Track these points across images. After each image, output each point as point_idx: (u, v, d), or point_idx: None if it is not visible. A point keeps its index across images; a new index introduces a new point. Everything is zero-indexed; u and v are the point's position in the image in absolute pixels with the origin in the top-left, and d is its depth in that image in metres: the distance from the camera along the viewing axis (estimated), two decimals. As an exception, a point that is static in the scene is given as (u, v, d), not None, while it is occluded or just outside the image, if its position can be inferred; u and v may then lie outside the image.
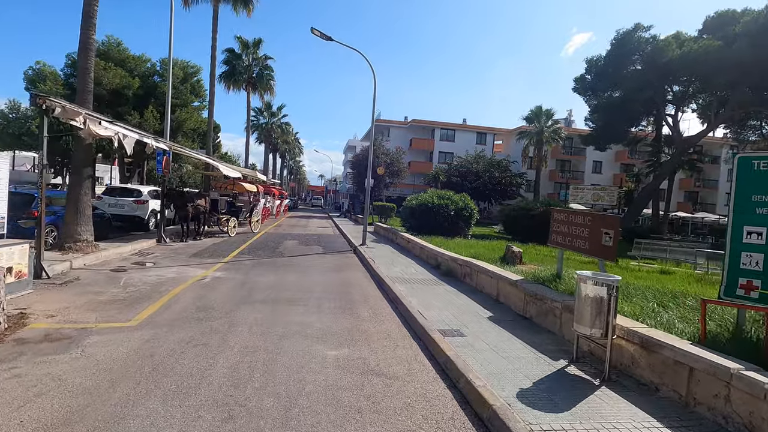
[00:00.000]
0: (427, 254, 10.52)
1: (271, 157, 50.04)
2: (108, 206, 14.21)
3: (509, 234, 19.19)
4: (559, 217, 6.19)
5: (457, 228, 15.34)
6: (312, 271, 9.14)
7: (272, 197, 27.48)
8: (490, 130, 50.76)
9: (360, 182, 33.38)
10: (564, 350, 4.33)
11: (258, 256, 10.82)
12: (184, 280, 7.39)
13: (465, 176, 39.37)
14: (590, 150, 49.15)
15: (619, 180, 47.52)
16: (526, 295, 5.52)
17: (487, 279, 6.85)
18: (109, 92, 35.39)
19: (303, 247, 13.34)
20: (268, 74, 30.22)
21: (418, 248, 11.34)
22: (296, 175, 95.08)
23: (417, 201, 15.22)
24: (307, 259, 10.75)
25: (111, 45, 38.66)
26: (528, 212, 17.28)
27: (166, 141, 12.21)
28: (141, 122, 35.17)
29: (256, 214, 17.16)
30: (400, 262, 10.26)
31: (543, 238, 16.57)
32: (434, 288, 7.30)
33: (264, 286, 7.28)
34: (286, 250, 12.26)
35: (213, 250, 11.40)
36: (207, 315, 5.34)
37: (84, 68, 8.94)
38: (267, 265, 9.51)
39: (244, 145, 31.17)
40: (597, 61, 30.51)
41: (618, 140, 33.32)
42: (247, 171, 19.28)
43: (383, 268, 9.06)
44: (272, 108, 40.27)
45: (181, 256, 10.26)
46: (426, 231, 14.77)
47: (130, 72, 36.74)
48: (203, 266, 8.93)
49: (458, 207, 15.07)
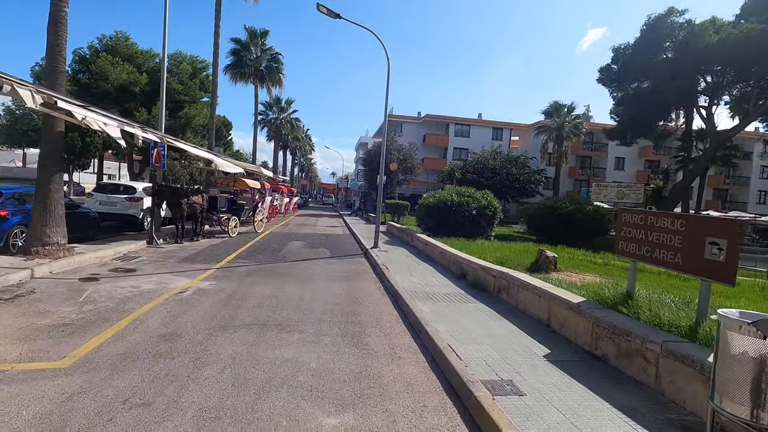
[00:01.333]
0: (448, 260, 9.12)
1: (281, 154, 49.03)
2: (99, 204, 13.12)
3: (533, 234, 17.67)
4: (631, 219, 4.72)
5: (479, 228, 13.88)
6: (316, 280, 7.81)
7: (280, 195, 26.33)
8: (506, 125, 48.90)
9: (372, 179, 32.04)
10: (676, 422, 2.91)
11: (256, 261, 9.54)
12: (160, 293, 6.13)
13: (481, 173, 37.70)
14: (612, 146, 46.96)
15: (643, 177, 45.28)
16: (596, 326, 4.09)
17: (532, 297, 5.42)
18: (117, 88, 34.67)
19: (308, 250, 12.05)
20: (276, 66, 29.04)
21: (438, 252, 9.95)
22: (307, 172, 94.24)
23: (434, 199, 13.79)
24: (311, 265, 9.43)
25: (119, 40, 37.98)
26: (554, 211, 15.73)
27: (158, 132, 11.01)
28: (149, 119, 34.39)
29: (260, 212, 15.94)
30: (418, 270, 8.88)
31: (571, 240, 15.02)
32: (463, 307, 5.90)
33: (255, 301, 5.97)
34: (289, 254, 10.97)
35: (207, 254, 10.18)
36: (170, 348, 4.04)
37: (54, 45, 7.74)
38: (264, 273, 8.22)
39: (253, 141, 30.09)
40: (624, 49, 28.56)
41: (646, 134, 31.29)
42: (250, 166, 18.07)
43: (398, 278, 7.69)
44: (281, 103, 39.12)
45: (170, 260, 9.04)
46: (444, 232, 13.35)
47: (138, 68, 35.95)
48: (190, 274, 7.69)
49: (480, 205, 13.61)
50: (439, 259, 9.84)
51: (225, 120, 54.50)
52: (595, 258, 12.04)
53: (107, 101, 34.97)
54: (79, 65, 37.16)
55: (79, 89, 35.10)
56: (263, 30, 28.25)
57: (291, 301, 6.14)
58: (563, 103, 40.29)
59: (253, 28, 27.72)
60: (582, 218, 15.37)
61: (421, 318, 4.95)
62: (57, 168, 7.90)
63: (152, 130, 10.56)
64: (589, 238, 15.89)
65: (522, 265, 9.54)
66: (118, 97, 33.78)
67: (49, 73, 7.74)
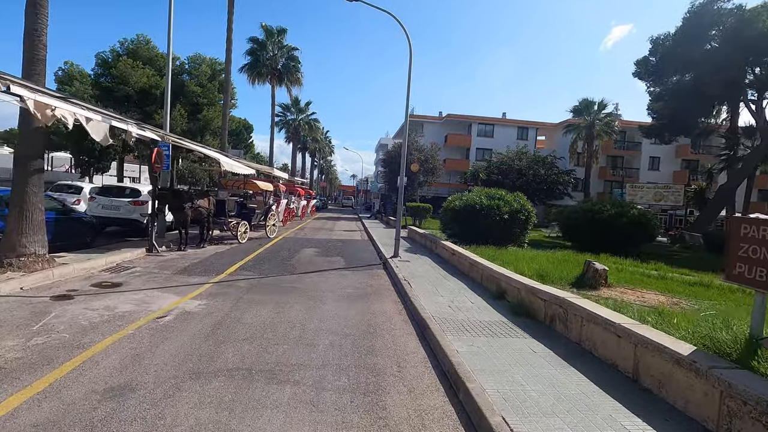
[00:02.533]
0: (481, 274, 7.80)
1: (300, 155, 48.41)
2: (101, 208, 12.35)
3: (569, 240, 16.06)
4: (760, 233, 3.33)
5: (511, 235, 12.47)
6: (325, 299, 6.62)
7: (297, 197, 25.45)
8: (531, 124, 46.88)
9: (392, 180, 30.82)
10: None
11: (261, 273, 8.44)
12: (136, 317, 5.06)
13: (506, 174, 35.99)
14: (646, 144, 44.41)
15: (680, 177, 42.55)
16: (729, 397, 2.73)
17: (605, 335, 4.07)
18: (137, 92, 34.64)
19: (322, 259, 10.90)
20: (294, 65, 28.20)
21: (467, 264, 8.63)
22: (327, 174, 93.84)
23: (461, 202, 12.45)
24: (322, 279, 8.26)
25: (140, 43, 38.08)
26: (593, 215, 14.13)
27: (158, 130, 10.08)
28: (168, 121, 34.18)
29: (272, 216, 14.93)
30: (446, 286, 7.58)
31: (612, 247, 13.34)
32: (510, 344, 4.58)
33: (247, 331, 4.82)
34: (299, 264, 9.84)
35: (210, 263, 9.15)
36: (110, 414, 2.90)
37: (32, 30, 6.82)
38: (267, 289, 7.09)
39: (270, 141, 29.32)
40: (664, 40, 26.48)
41: (687, 132, 29.02)
42: (263, 167, 17.10)
43: (423, 298, 6.42)
44: (300, 103, 38.37)
45: (165, 271, 8.04)
46: (471, 238, 12.01)
47: (159, 71, 35.93)
48: (182, 290, 6.63)
49: (512, 209, 12.20)
50: (469, 272, 8.52)
51: (246, 123, 54.42)
52: (646, 269, 10.48)
53: (129, 105, 35.04)
54: (101, 69, 37.45)
55: (101, 93, 35.26)
56: (280, 28, 27.48)
57: (292, 330, 4.96)
58: (593, 100, 38.11)
59: (270, 26, 27.00)
60: (625, 223, 13.73)
61: (457, 365, 3.67)
62: (36, 168, 6.98)
63: (151, 127, 9.63)
64: (633, 246, 14.25)
65: (565, 280, 8.19)
66: (139, 100, 33.71)
67: (27, 61, 6.82)
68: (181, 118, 34.24)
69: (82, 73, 36.55)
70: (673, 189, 31.53)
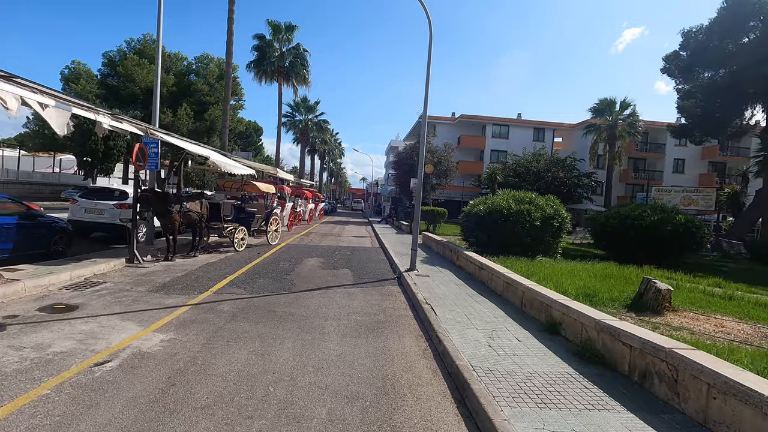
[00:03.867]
0: (521, 297, 6.31)
1: (309, 158, 47.26)
2: (84, 212, 11.15)
3: (600, 249, 14.43)
4: None
5: (542, 244, 10.96)
6: (327, 332, 5.19)
7: (304, 200, 24.15)
8: (548, 125, 45.10)
9: (403, 183, 29.40)
10: None
11: (253, 291, 7.07)
12: (66, 365, 3.70)
13: (523, 176, 34.27)
14: (670, 146, 42.32)
15: (707, 180, 40.41)
16: None
17: (760, 422, 2.57)
18: (143, 91, 33.82)
19: (326, 271, 9.48)
20: (301, 63, 26.99)
21: (502, 283, 7.14)
22: (337, 177, 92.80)
23: (486, 206, 10.95)
24: (324, 300, 6.83)
25: (146, 42, 37.37)
26: (633, 221, 12.48)
27: (140, 123, 8.78)
28: (173, 121, 33.28)
29: (275, 221, 13.60)
30: (480, 314, 6.09)
31: (653, 258, 11.69)
32: (600, 425, 3.10)
33: (212, 390, 3.41)
34: (300, 278, 8.44)
35: (195, 278, 7.81)
36: None
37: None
38: (255, 315, 5.70)
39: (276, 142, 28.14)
40: (696, 33, 24.67)
41: (720, 131, 27.05)
42: (265, 167, 15.77)
43: (454, 332, 4.96)
44: (308, 102, 37.14)
45: (138, 289, 6.72)
46: (497, 247, 10.54)
47: (166, 70, 35.13)
48: (150, 316, 5.28)
49: (545, 215, 10.68)
50: (504, 293, 7.02)
51: (255, 125, 53.48)
52: (706, 285, 8.87)
53: (135, 104, 34.27)
54: (108, 68, 36.76)
55: (107, 92, 34.55)
56: (288, 24, 26.29)
57: (276, 387, 3.54)
58: (614, 99, 36.18)
59: (276, 22, 25.80)
60: (671, 231, 12.06)
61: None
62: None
63: (130, 119, 8.33)
64: (675, 256, 12.61)
65: (618, 301, 6.74)
66: (145, 99, 32.87)
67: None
68: (187, 118, 33.31)
69: (88, 72, 35.88)
70: (704, 192, 29.49)
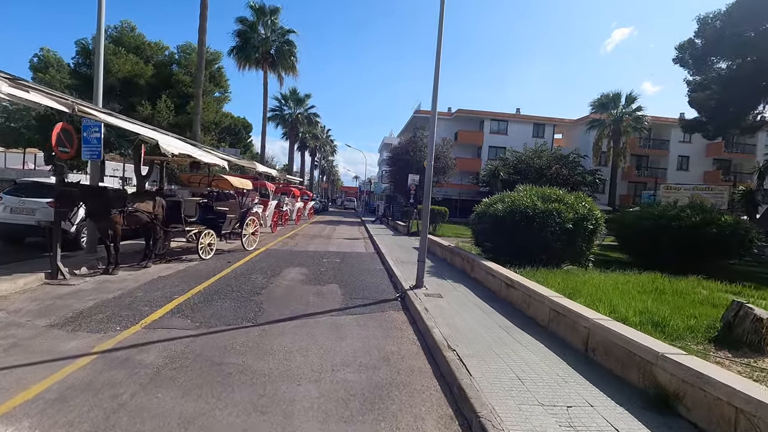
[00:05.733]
0: (586, 336, 4.36)
1: (299, 154, 45.05)
2: (9, 212, 9.01)
3: (629, 254, 12.51)
4: None
5: (574, 250, 9.05)
6: (296, 411, 3.18)
7: (291, 198, 22.08)
8: (548, 120, 43.35)
9: (399, 180, 27.42)
10: None
11: (201, 324, 5.03)
12: None
13: (524, 173, 32.49)
14: (675, 143, 40.83)
15: (713, 178, 38.96)
16: None
17: None
18: (121, 81, 31.30)
19: (308, 287, 7.46)
20: (289, 49, 24.83)
21: (546, 311, 5.19)
22: (329, 175, 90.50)
23: (505, 205, 8.99)
24: (301, 337, 4.82)
25: (124, 30, 34.72)
26: (669, 222, 10.61)
27: (65, 97, 6.65)
28: (153, 114, 30.89)
29: (252, 222, 11.56)
30: (534, 370, 4.11)
31: (691, 264, 9.63)
32: None
33: None
34: (271, 300, 6.40)
35: (130, 302, 5.77)
36: None
37: None
38: (190, 373, 3.68)
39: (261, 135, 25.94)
40: (713, 20, 22.96)
41: (735, 125, 25.45)
42: (245, 161, 13.62)
43: (510, 417, 2.99)
44: (298, 94, 34.92)
45: (37, 322, 4.70)
46: (518, 253, 8.61)
47: (146, 60, 32.72)
48: (19, 378, 3.27)
49: (577, 216, 8.77)
50: (552, 325, 5.07)
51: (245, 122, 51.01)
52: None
53: (111, 96, 31.80)
54: (81, 57, 34.21)
55: (81, 83, 32.02)
56: (273, 7, 24.14)
57: None
58: (619, 93, 34.47)
59: (259, 4, 23.61)
60: (716, 234, 10.21)
61: None
62: None
63: (44, 88, 6.22)
64: (717, 262, 10.82)
65: (697, 332, 4.89)
66: (122, 90, 30.51)
67: None
68: (167, 111, 30.96)
69: (59, 61, 33.34)
70: (716, 190, 28.01)
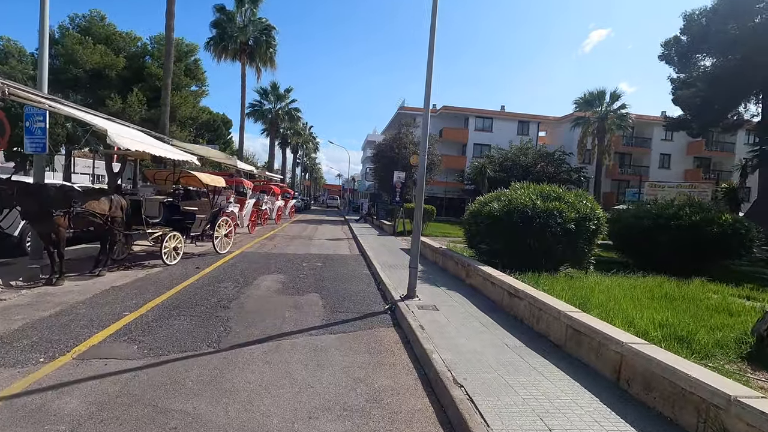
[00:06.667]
0: (617, 364, 3.61)
1: (281, 152, 43.72)
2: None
3: (627, 255, 11.94)
4: None
5: (575, 251, 8.38)
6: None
7: (271, 197, 21.01)
8: (533, 118, 43.19)
9: (384, 178, 26.59)
10: None
11: (151, 350, 4.09)
12: None
13: (510, 171, 32.11)
14: (657, 141, 41.16)
15: (693, 176, 39.40)
16: None
17: None
18: (89, 74, 29.45)
19: (285, 298, 6.55)
20: (268, 41, 23.68)
21: (563, 328, 4.43)
22: (311, 173, 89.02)
23: (502, 204, 8.25)
24: (272, 368, 3.92)
25: (93, 20, 32.77)
26: (669, 221, 10.07)
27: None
28: (124, 108, 29.18)
29: (224, 223, 10.56)
30: (560, 410, 3.33)
31: (693, 266, 8.91)
32: None
33: None
34: (241, 316, 5.48)
35: (67, 321, 4.78)
36: None
37: None
38: (120, 428, 2.76)
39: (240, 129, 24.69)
40: (699, 16, 22.87)
41: (720, 123, 25.50)
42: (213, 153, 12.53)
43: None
44: (278, 89, 33.62)
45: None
46: (516, 256, 7.90)
47: (116, 51, 30.88)
48: None
49: (579, 215, 8.10)
50: (570, 345, 4.31)
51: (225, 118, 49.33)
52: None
53: (78, 89, 29.98)
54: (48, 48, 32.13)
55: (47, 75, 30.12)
56: (252, -5, 22.92)
57: None
58: (603, 90, 34.39)
59: (237, -8, 22.38)
60: (718, 234, 9.70)
61: None
62: None
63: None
64: (717, 263, 10.37)
65: (726, 347, 4.22)
66: (91, 83, 28.78)
67: None
68: (139, 105, 29.27)
69: (21, 51, 31.25)
70: (700, 188, 28.06)
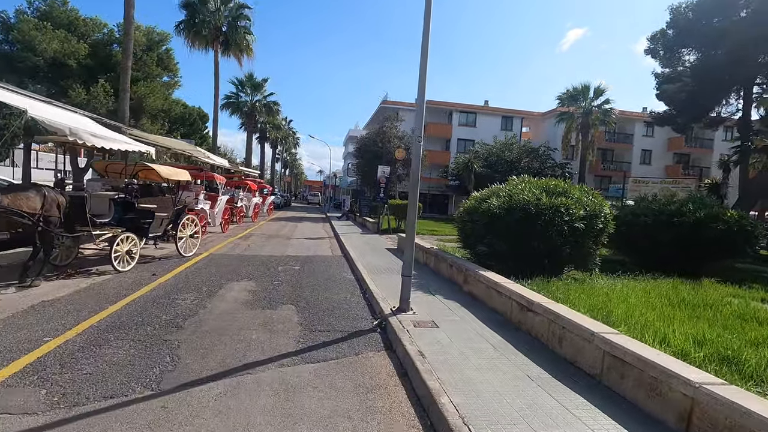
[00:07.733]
0: (687, 411, 2.74)
1: (259, 147, 42.13)
2: None
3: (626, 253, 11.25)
4: None
5: (581, 252, 7.59)
6: None
7: (247, 193, 19.74)
8: (516, 113, 42.85)
9: (367, 173, 25.59)
10: None
11: (60, 400, 3.00)
12: None
13: (495, 166, 31.61)
14: (639, 137, 41.35)
15: (673, 172, 39.79)
16: None
17: None
18: (48, 62, 27.27)
19: (254, 313, 5.50)
20: (243, 27, 22.29)
21: (596, 353, 3.56)
22: (292, 169, 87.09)
23: (502, 201, 7.37)
24: (226, 420, 2.90)
25: (54, 4, 30.48)
26: (669, 219, 9.44)
27: None
28: (88, 99, 27.20)
29: (189, 223, 9.38)
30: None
31: (694, 265, 8.10)
32: None
33: None
34: (195, 339, 4.41)
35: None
36: None
37: None
38: None
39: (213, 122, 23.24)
40: (686, 9, 22.58)
41: (705, 117, 25.45)
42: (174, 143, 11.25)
43: None
44: (255, 79, 32.09)
45: None
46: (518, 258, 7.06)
47: (78, 38, 28.69)
48: None
49: (587, 212, 7.30)
50: (610, 377, 3.45)
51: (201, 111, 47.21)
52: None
53: (37, 79, 27.85)
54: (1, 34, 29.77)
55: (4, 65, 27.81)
56: (224, -23, 21.46)
57: None
58: (588, 85, 34.09)
59: (209, -27, 20.89)
60: (722, 231, 9.09)
61: None
62: None
63: None
64: (719, 261, 9.83)
65: None
66: (51, 72, 26.71)
67: None
68: (105, 96, 27.34)
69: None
70: (683, 184, 28.07)
